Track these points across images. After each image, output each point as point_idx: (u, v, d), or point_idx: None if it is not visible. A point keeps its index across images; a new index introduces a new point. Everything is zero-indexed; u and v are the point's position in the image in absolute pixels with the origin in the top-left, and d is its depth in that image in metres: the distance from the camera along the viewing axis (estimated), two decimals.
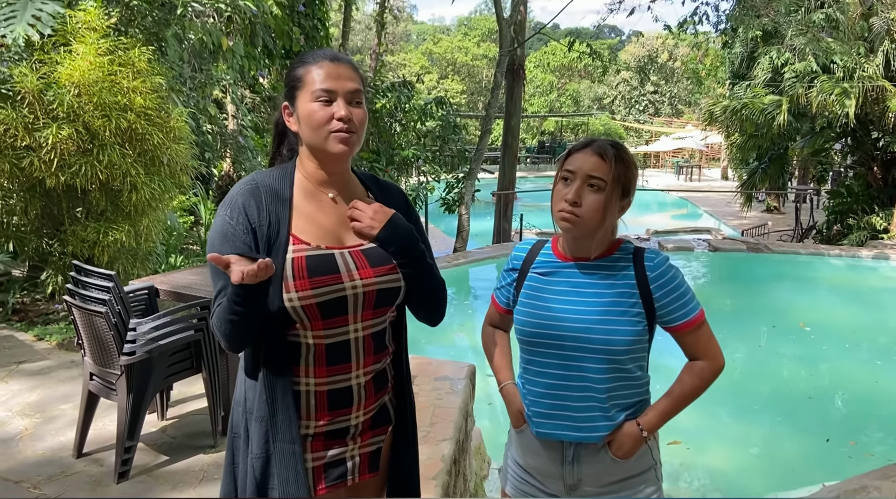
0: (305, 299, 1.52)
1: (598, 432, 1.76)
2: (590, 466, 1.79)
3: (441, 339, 7.76)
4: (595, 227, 1.73)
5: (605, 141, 1.77)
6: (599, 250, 1.79)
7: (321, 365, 1.58)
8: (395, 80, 13.82)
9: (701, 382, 1.77)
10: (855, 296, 10.20)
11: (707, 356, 1.77)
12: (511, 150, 14.85)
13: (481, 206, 18.72)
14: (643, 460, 1.80)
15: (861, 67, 12.62)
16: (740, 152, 16.32)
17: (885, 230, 13.46)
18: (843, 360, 7.39)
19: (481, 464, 4.29)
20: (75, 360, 4.60)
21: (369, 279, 1.60)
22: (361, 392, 1.64)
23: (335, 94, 1.57)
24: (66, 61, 5.10)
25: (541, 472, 1.86)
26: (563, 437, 1.79)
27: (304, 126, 1.60)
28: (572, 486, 1.81)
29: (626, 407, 1.77)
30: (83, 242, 5.32)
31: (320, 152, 1.61)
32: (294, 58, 1.62)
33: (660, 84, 46.03)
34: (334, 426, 1.63)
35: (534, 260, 1.89)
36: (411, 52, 45.34)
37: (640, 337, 1.74)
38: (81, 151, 5.08)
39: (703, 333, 1.77)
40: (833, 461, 5.09)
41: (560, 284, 1.81)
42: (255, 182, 1.61)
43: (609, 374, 1.74)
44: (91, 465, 3.30)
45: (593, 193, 1.71)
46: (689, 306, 1.74)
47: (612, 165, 1.70)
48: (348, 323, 1.60)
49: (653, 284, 1.73)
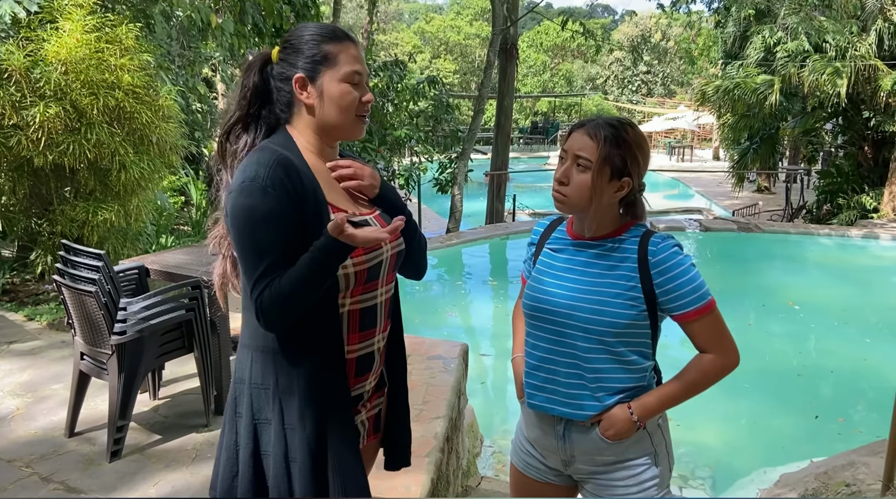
0: (359, 265, 1.54)
1: (585, 410, 1.74)
2: (580, 443, 1.78)
3: (434, 318, 7.78)
4: (584, 206, 1.71)
5: (604, 120, 1.73)
6: (601, 231, 1.76)
7: (354, 331, 1.60)
8: (387, 60, 13.70)
9: (704, 376, 1.72)
10: (844, 275, 10.28)
11: (716, 350, 1.70)
12: (504, 130, 14.80)
13: (474, 186, 18.72)
14: (640, 445, 1.77)
15: (853, 46, 12.62)
16: (732, 132, 16.33)
17: (874, 209, 13.54)
18: (832, 338, 7.45)
19: (474, 441, 4.32)
20: (66, 340, 4.58)
21: (393, 242, 1.65)
22: (378, 357, 1.68)
23: (363, 76, 1.59)
24: (53, 39, 5.03)
25: (540, 444, 1.87)
26: (551, 411, 1.79)
27: (330, 105, 1.56)
28: (567, 461, 1.82)
29: (618, 391, 1.73)
30: (72, 222, 5.28)
31: (336, 131, 1.59)
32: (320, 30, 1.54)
33: (653, 64, 45.93)
34: (355, 394, 1.65)
35: (549, 236, 1.90)
36: (403, 31, 44.99)
37: (634, 322, 1.69)
38: (69, 130, 5.02)
39: (710, 325, 1.69)
40: (822, 438, 5.14)
41: (565, 261, 1.81)
42: (280, 154, 1.51)
43: (598, 354, 1.71)
44: (83, 444, 3.29)
45: (580, 172, 1.70)
46: (694, 295, 1.67)
47: (599, 144, 1.67)
48: (377, 287, 1.63)
49: (654, 270, 1.68)
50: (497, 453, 4.70)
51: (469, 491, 3.75)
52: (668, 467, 1.84)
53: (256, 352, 1.56)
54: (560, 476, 1.87)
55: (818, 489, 3.62)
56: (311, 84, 1.56)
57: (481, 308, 8.71)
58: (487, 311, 8.62)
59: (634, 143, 1.71)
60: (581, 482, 1.86)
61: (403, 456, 1.87)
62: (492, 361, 6.63)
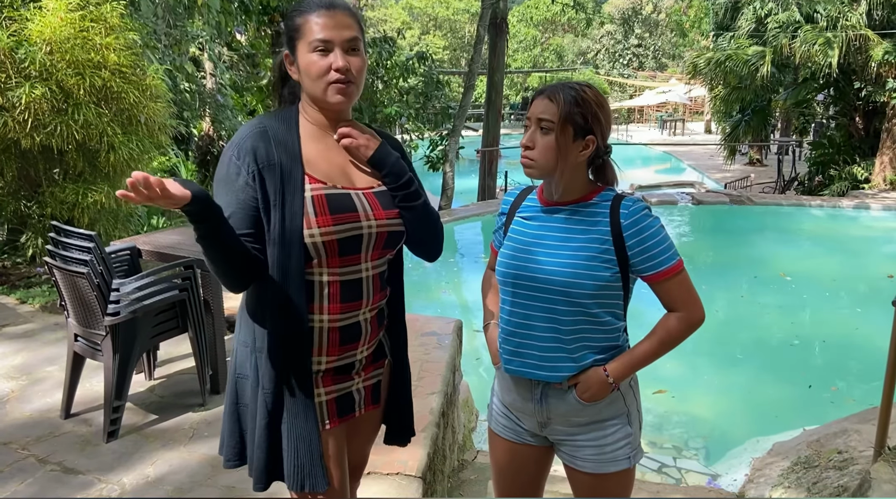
0: (327, 235, 1.56)
1: (562, 372, 1.79)
2: (556, 405, 1.82)
3: (428, 295, 7.79)
4: (552, 167, 1.74)
5: (563, 83, 1.77)
6: (572, 195, 1.79)
7: (335, 302, 1.63)
8: (375, 36, 13.54)
9: (675, 333, 1.76)
10: (836, 245, 10.33)
11: (684, 308, 1.75)
12: (495, 106, 14.72)
13: (465, 163, 18.64)
14: (614, 405, 1.82)
15: (844, 16, 12.57)
16: (724, 105, 16.30)
17: (866, 180, 13.58)
18: (824, 308, 7.51)
19: (469, 416, 4.35)
20: (59, 322, 4.57)
21: (382, 221, 1.66)
22: (367, 328, 1.71)
23: (332, 44, 1.57)
24: (37, 18, 4.95)
25: (516, 408, 1.91)
26: (528, 375, 1.83)
27: (303, 76, 1.61)
28: (543, 423, 1.87)
29: (596, 351, 1.79)
30: (62, 204, 5.24)
31: (321, 102, 1.63)
32: (272, 13, 1.58)
33: (644, 37, 45.66)
34: (343, 362, 1.69)
35: (520, 205, 1.93)
36: (392, 7, 44.49)
37: (608, 283, 1.74)
38: (56, 111, 4.96)
39: (678, 284, 1.74)
40: (815, 407, 5.20)
41: (537, 228, 1.83)
42: (263, 125, 1.62)
43: (575, 316, 1.76)
44: (79, 425, 3.30)
45: (544, 135, 1.74)
46: (664, 256, 1.73)
47: (559, 105, 1.71)
48: (360, 262, 1.65)
49: (626, 232, 1.72)
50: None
51: (465, 465, 3.79)
52: (639, 425, 1.90)
53: (243, 310, 1.68)
54: (536, 437, 1.92)
55: (810, 457, 3.66)
56: (293, 59, 1.63)
57: (474, 285, 8.65)
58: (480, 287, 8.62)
59: (594, 101, 1.75)
60: (557, 444, 1.90)
61: (404, 432, 1.90)
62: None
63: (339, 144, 1.66)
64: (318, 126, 1.67)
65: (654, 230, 1.74)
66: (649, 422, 4.89)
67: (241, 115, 12.34)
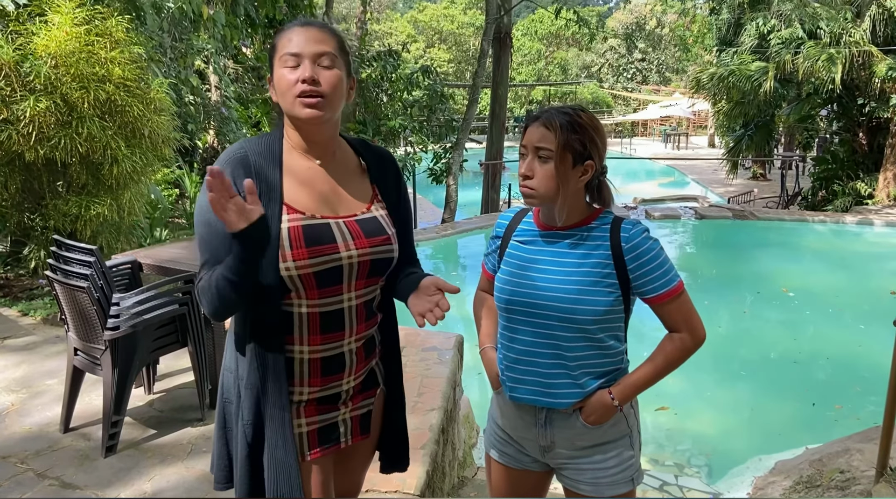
0: (303, 269, 1.52)
1: (568, 398, 1.78)
2: (561, 430, 1.82)
3: None
4: (552, 196, 1.74)
5: (556, 109, 1.76)
6: (572, 219, 1.79)
7: (315, 333, 1.59)
8: (380, 50, 13.61)
9: (678, 354, 1.76)
10: (839, 261, 10.29)
11: (685, 328, 1.76)
12: (499, 119, 14.75)
13: (469, 176, 18.67)
14: (617, 427, 1.82)
15: (848, 33, 12.58)
16: (727, 120, 16.30)
17: (869, 196, 13.55)
18: (827, 325, 7.47)
19: (470, 432, 4.33)
20: (60, 335, 4.57)
21: (364, 249, 1.60)
22: (353, 358, 1.67)
23: (301, 57, 1.53)
24: (42, 32, 4.99)
25: (517, 434, 1.90)
26: (534, 402, 1.82)
27: (277, 93, 1.58)
28: (546, 447, 1.85)
29: (599, 375, 1.78)
30: (65, 217, 5.26)
31: (293, 119, 1.59)
32: (278, 26, 1.59)
33: (647, 51, 45.79)
34: (327, 392, 1.65)
35: (516, 228, 1.91)
36: (397, 21, 44.74)
37: (611, 308, 1.74)
38: (60, 124, 4.99)
39: (680, 305, 1.75)
40: (819, 425, 5.16)
41: (536, 252, 1.82)
42: (244, 150, 1.58)
43: (579, 342, 1.75)
44: (78, 439, 3.29)
45: (542, 163, 1.72)
46: (665, 278, 1.73)
47: (556, 132, 1.70)
48: (342, 292, 1.60)
49: (627, 256, 1.72)
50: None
51: (465, 481, 3.76)
52: (639, 445, 1.90)
53: (231, 337, 1.65)
54: (537, 463, 1.91)
55: (812, 476, 3.63)
56: (272, 80, 1.61)
57: None
58: None
59: (590, 125, 1.75)
60: (559, 469, 1.89)
61: (400, 460, 1.87)
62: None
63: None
64: (300, 150, 1.63)
65: (655, 252, 1.74)
66: (651, 439, 4.86)
67: (246, 128, 12.40)
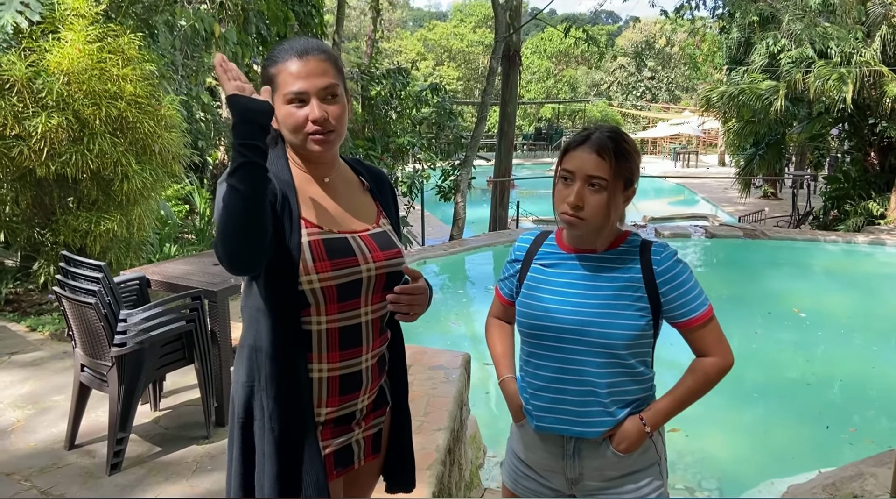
0: (326, 281, 1.53)
1: (599, 427, 1.72)
2: (591, 460, 1.76)
3: (436, 327, 7.74)
4: (601, 225, 1.69)
5: (602, 134, 1.69)
6: (607, 244, 1.74)
7: (334, 350, 1.58)
8: (390, 67, 13.69)
9: (707, 379, 1.73)
10: (851, 282, 10.21)
11: (715, 353, 1.73)
12: (507, 137, 14.79)
13: (477, 193, 18.69)
14: (647, 454, 1.77)
15: (858, 52, 12.57)
16: (737, 138, 16.30)
17: (881, 216, 13.46)
18: (839, 346, 7.39)
19: (477, 452, 4.28)
20: (68, 351, 4.56)
21: (380, 262, 1.63)
22: (369, 376, 1.66)
23: (307, 94, 1.53)
24: (55, 49, 5.04)
25: (541, 466, 1.83)
26: (562, 431, 1.76)
27: (282, 127, 1.58)
28: (573, 480, 1.79)
29: (628, 403, 1.73)
30: (75, 232, 5.27)
31: (301, 151, 1.61)
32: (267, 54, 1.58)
33: (657, 70, 45.90)
34: (343, 412, 1.64)
35: (537, 251, 1.85)
36: (407, 39, 45.08)
37: (643, 332, 1.69)
38: (71, 140, 5.02)
39: (710, 330, 1.72)
40: (833, 448, 5.08)
41: (562, 276, 1.77)
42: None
43: (610, 369, 1.70)
44: (83, 457, 3.27)
45: (595, 193, 1.65)
46: (696, 302, 1.70)
47: (611, 162, 1.64)
48: (360, 306, 1.61)
49: (659, 279, 1.69)
50: (500, 464, 4.65)
51: None
52: (666, 473, 1.85)
53: (245, 350, 1.60)
54: (561, 496, 1.84)
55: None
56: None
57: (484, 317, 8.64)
58: None
59: (634, 151, 1.71)
60: None
61: (404, 480, 1.85)
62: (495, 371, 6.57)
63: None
64: (305, 170, 1.64)
65: (686, 276, 1.71)
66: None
67: None
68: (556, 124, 40.17)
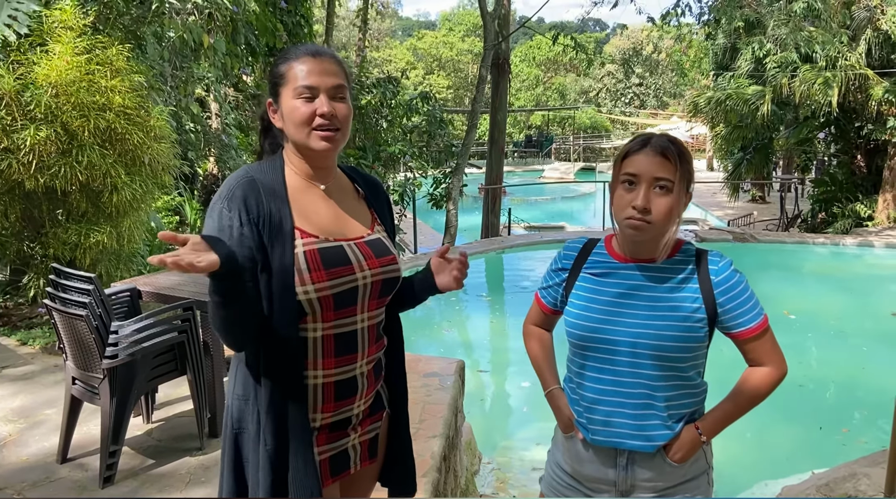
0: (322, 291, 1.53)
1: (657, 440, 1.70)
2: (644, 471, 1.73)
3: (430, 334, 7.74)
4: (665, 229, 1.66)
5: (661, 138, 1.67)
6: (668, 252, 1.70)
7: (330, 356, 1.59)
8: (380, 76, 13.70)
9: (762, 388, 1.71)
10: (840, 283, 10.27)
11: (769, 363, 1.71)
12: (498, 144, 14.83)
13: (469, 201, 18.70)
14: (697, 464, 1.75)
15: (843, 56, 12.68)
16: (725, 143, 16.39)
17: (869, 218, 13.57)
18: (830, 347, 7.43)
19: (472, 459, 4.27)
20: (59, 364, 4.54)
21: (376, 269, 1.63)
22: (364, 381, 1.66)
23: (317, 90, 1.56)
24: (43, 61, 5.02)
25: (591, 479, 1.79)
26: (619, 445, 1.73)
27: (287, 123, 1.59)
28: (625, 492, 1.76)
29: (683, 417, 1.72)
30: (64, 245, 5.24)
31: (305, 149, 1.60)
32: (278, 55, 1.60)
33: (645, 76, 46.19)
34: (339, 417, 1.64)
35: (586, 260, 1.81)
36: (396, 48, 45.20)
37: (700, 343, 1.67)
38: (60, 152, 5.00)
39: (766, 341, 1.70)
40: (826, 449, 5.10)
41: (617, 286, 1.73)
42: (250, 174, 1.58)
43: (669, 381, 1.68)
44: (76, 470, 3.25)
45: (661, 195, 1.62)
46: (752, 312, 1.68)
47: (677, 163, 1.62)
48: (356, 313, 1.62)
49: (717, 290, 1.66)
50: (496, 471, 4.65)
51: None
52: (713, 480, 1.84)
53: (241, 364, 1.61)
54: None
55: None
56: (276, 107, 1.62)
57: (478, 323, 8.67)
58: (484, 326, 8.57)
59: (690, 154, 1.70)
60: None
61: (405, 484, 1.85)
62: (489, 377, 6.59)
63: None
64: (304, 176, 1.64)
65: (744, 286, 1.69)
66: None
67: (247, 155, 12.43)
68: (545, 131, 40.34)
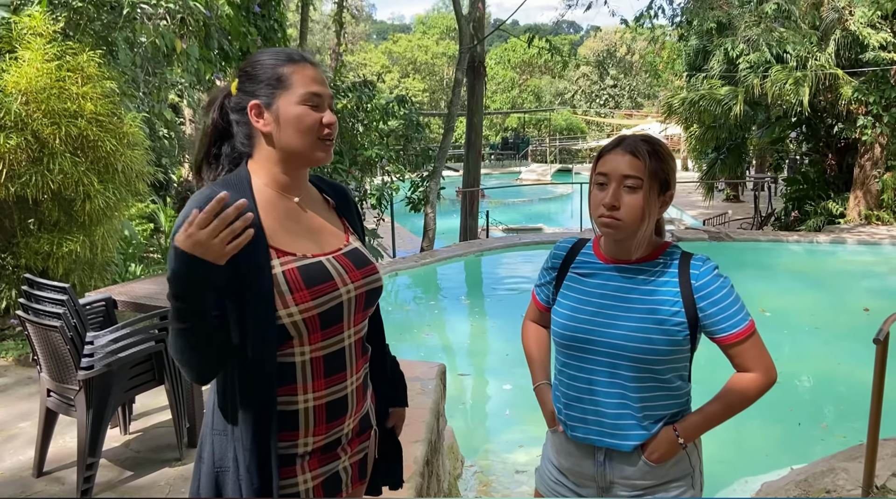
0: (307, 311, 1.44)
1: (632, 440, 1.71)
2: (622, 469, 1.74)
3: (410, 338, 7.72)
4: (636, 227, 1.66)
5: (635, 137, 1.69)
6: (642, 252, 1.71)
7: (319, 378, 1.50)
8: (355, 80, 13.66)
9: (747, 395, 1.71)
10: (814, 280, 10.42)
11: (757, 369, 1.70)
12: (475, 147, 14.86)
13: (447, 204, 18.71)
14: (680, 465, 1.75)
15: (813, 56, 12.87)
16: (699, 143, 16.55)
17: (841, 215, 13.78)
18: (806, 344, 7.53)
19: (454, 463, 4.26)
20: (33, 376, 4.46)
21: (358, 282, 1.55)
22: (354, 399, 1.59)
23: (323, 99, 1.51)
24: (13, 68, 4.94)
25: (574, 473, 1.82)
26: (595, 442, 1.75)
27: (288, 129, 1.49)
28: (605, 488, 1.77)
29: (662, 417, 1.72)
30: (37, 255, 5.15)
31: (299, 157, 1.52)
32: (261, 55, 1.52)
33: (619, 78, 46.57)
34: (330, 439, 1.56)
35: (574, 259, 1.83)
36: (371, 52, 45.14)
37: (679, 347, 1.67)
38: (31, 161, 4.92)
39: (751, 346, 1.69)
40: (805, 445, 5.16)
41: (599, 287, 1.75)
42: (215, 192, 1.41)
43: (645, 383, 1.68)
44: (52, 484, 3.19)
45: (630, 193, 1.64)
46: (736, 318, 1.67)
47: (645, 161, 1.64)
48: (343, 330, 1.53)
49: (697, 294, 1.66)
50: (479, 474, 4.64)
51: None
52: (701, 485, 1.83)
53: (217, 395, 1.50)
54: None
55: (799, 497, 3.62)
56: (267, 110, 1.50)
57: (458, 327, 8.66)
58: (464, 329, 8.57)
59: (669, 155, 1.70)
60: None
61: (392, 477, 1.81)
62: (471, 380, 6.59)
63: None
64: (277, 188, 1.53)
65: (726, 291, 1.68)
66: None
67: None
68: (522, 134, 40.50)
